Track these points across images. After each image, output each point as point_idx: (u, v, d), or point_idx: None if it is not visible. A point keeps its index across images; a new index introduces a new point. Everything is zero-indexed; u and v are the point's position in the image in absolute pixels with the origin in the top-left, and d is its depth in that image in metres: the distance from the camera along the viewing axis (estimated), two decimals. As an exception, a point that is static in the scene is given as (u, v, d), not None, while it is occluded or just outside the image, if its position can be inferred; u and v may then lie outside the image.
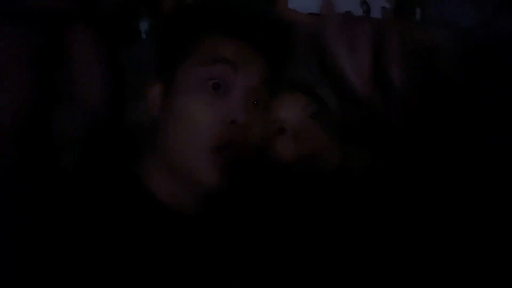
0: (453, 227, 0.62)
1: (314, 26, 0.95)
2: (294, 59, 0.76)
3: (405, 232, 0.62)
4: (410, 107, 0.82)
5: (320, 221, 0.65)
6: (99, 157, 0.68)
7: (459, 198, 0.65)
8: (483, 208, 0.63)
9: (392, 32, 0.86)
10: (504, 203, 0.61)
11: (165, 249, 0.55)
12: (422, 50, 0.84)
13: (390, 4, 1.04)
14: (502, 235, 0.58)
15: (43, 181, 0.57)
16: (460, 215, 0.63)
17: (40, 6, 1.05)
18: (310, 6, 1.05)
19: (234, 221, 0.64)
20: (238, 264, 0.59)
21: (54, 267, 0.48)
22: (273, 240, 0.63)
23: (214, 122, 0.56)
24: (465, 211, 0.64)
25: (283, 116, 0.70)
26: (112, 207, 0.56)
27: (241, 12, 0.67)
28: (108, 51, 0.95)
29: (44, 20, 1.00)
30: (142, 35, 1.07)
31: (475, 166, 0.70)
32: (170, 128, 0.59)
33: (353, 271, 0.60)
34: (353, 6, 1.04)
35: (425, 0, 1.01)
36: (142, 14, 1.00)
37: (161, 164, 0.60)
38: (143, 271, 0.52)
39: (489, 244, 0.58)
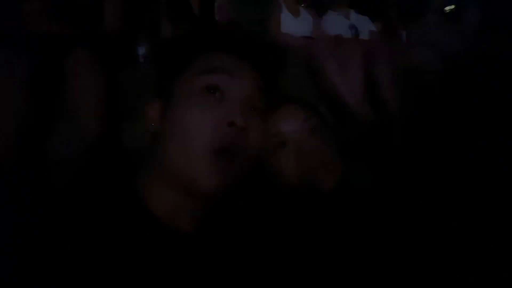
0: (453, 239, 0.61)
1: (307, 48, 1.01)
2: (290, 76, 0.78)
3: (408, 247, 0.61)
4: (402, 121, 0.85)
5: (321, 239, 0.64)
6: (97, 175, 0.67)
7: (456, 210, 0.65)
8: (483, 215, 0.64)
9: (380, 53, 0.91)
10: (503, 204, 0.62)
11: (162, 266, 0.53)
12: (408, 68, 0.89)
13: (377, 28, 1.11)
14: (502, 235, 0.59)
15: (40, 196, 0.56)
16: (459, 226, 0.64)
17: (41, 32, 1.07)
18: (302, 30, 1.11)
19: (232, 238, 0.62)
20: (237, 281, 0.57)
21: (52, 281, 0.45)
22: (272, 259, 0.62)
23: (212, 126, 0.56)
24: (464, 221, 0.64)
25: (284, 129, 0.70)
26: (109, 223, 0.54)
27: (237, 34, 0.70)
28: (106, 74, 0.97)
29: (45, 45, 1.02)
30: (140, 59, 1.10)
31: (469, 175, 0.72)
32: (170, 138, 0.59)
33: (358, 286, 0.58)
34: (343, 29, 1.11)
35: (410, 23, 1.09)
36: (140, 39, 1.03)
37: (160, 178, 0.59)
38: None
39: (489, 244, 0.58)
